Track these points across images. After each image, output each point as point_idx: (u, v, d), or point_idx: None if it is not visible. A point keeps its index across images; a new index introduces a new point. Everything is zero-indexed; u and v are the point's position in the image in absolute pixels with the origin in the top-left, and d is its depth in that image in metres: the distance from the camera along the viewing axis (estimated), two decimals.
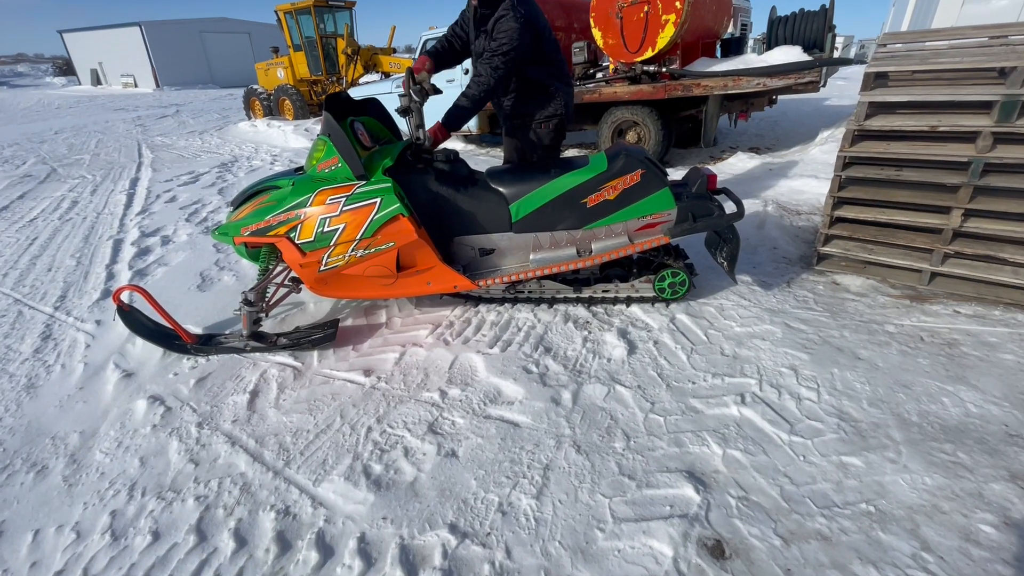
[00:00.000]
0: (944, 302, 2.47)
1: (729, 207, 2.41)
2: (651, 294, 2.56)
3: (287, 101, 11.15)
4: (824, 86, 5.69)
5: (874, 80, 2.43)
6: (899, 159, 2.47)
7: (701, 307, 2.55)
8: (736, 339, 2.27)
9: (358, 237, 2.18)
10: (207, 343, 2.39)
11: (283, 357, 2.33)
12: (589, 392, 2.00)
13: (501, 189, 2.36)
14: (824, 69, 5.01)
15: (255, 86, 11.90)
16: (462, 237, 2.45)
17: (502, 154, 3.06)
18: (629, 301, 2.59)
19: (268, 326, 2.60)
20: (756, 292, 2.66)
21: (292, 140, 9.10)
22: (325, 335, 2.35)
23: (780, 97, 6.31)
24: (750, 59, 5.46)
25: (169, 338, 2.37)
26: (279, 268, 2.49)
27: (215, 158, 7.78)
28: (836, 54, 7.54)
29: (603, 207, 2.32)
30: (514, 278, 2.39)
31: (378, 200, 2.16)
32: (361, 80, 10.89)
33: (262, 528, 1.51)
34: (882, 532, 1.40)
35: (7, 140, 10.86)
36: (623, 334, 2.35)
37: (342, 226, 2.18)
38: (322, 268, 2.24)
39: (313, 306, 2.77)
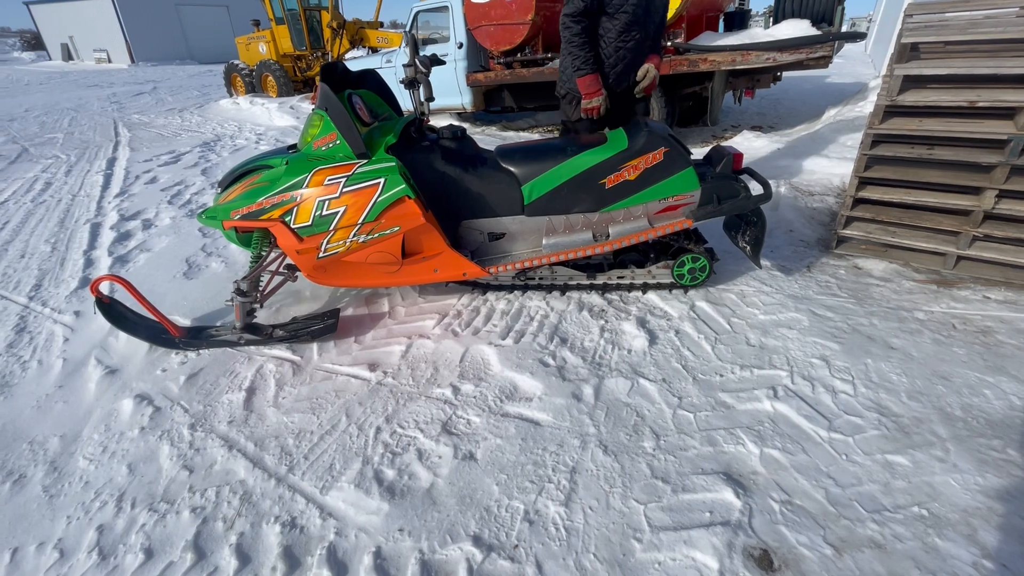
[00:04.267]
0: (972, 287, 2.38)
1: (755, 188, 2.27)
2: (669, 280, 2.43)
3: (270, 77, 10.71)
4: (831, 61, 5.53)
5: (909, 52, 2.28)
6: (932, 137, 2.34)
7: (721, 294, 2.43)
8: (761, 328, 2.16)
9: (360, 221, 2.01)
10: (197, 336, 2.23)
11: (280, 351, 2.18)
12: (611, 386, 1.88)
13: (512, 169, 2.19)
14: (836, 43, 4.84)
15: (236, 61, 11.41)
16: (470, 221, 2.29)
17: (499, 134, 2.89)
18: (646, 288, 2.46)
19: (263, 317, 2.43)
20: (777, 277, 2.54)
21: (277, 118, 8.73)
22: (325, 326, 2.19)
23: (783, 74, 6.14)
24: (756, 33, 5.26)
25: (155, 332, 2.19)
26: (273, 254, 2.32)
27: (197, 137, 7.44)
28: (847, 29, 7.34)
29: (622, 188, 2.17)
30: (526, 264, 2.25)
31: (381, 181, 1.98)
32: (348, 55, 10.47)
33: (266, 543, 1.38)
34: (939, 538, 1.30)
35: None
36: (642, 323, 2.22)
37: (342, 209, 2.00)
38: (321, 255, 2.07)
39: (310, 295, 2.60)
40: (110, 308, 2.19)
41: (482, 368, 2.01)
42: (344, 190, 1.99)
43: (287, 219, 2.04)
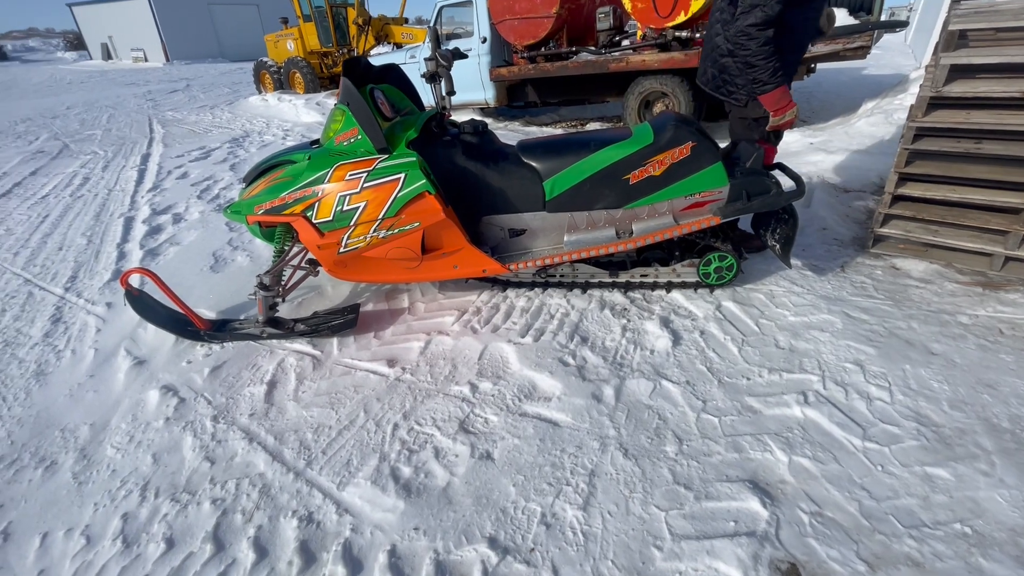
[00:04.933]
0: (1020, 289, 2.24)
1: (786, 184, 2.18)
2: (694, 279, 2.36)
3: (297, 74, 10.88)
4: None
5: (957, 40, 2.15)
6: (980, 130, 2.21)
7: (749, 293, 2.34)
8: (791, 330, 2.08)
9: (380, 216, 2.01)
10: (221, 329, 2.26)
11: (301, 344, 2.19)
12: (633, 388, 1.83)
13: (534, 164, 2.15)
14: (874, 33, 4.63)
15: (265, 59, 11.63)
16: (490, 216, 2.26)
17: (522, 129, 2.83)
18: (670, 287, 2.39)
19: (285, 311, 2.46)
20: (808, 277, 2.44)
21: (304, 114, 8.87)
22: (345, 321, 2.20)
23: (816, 65, 5.91)
24: None
25: (181, 324, 2.24)
26: (295, 249, 2.34)
27: (226, 133, 7.61)
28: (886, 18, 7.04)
29: (647, 184, 2.11)
30: (547, 262, 2.21)
31: (402, 176, 1.97)
32: (372, 52, 10.55)
33: (284, 537, 1.39)
34: (983, 558, 1.22)
35: (20, 115, 10.78)
36: (665, 323, 2.16)
37: (363, 204, 2.00)
38: (341, 250, 2.08)
39: (331, 289, 2.62)
40: (139, 300, 2.24)
41: (501, 366, 1.99)
42: (365, 185, 1.98)
43: (309, 214, 2.05)
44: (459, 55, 2.29)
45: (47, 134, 8.57)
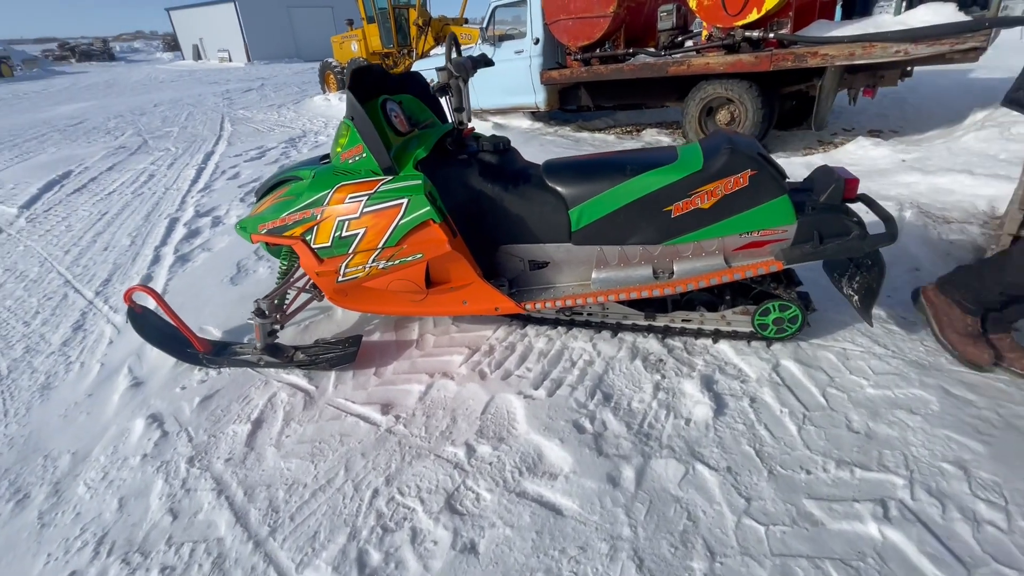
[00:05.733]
0: None
1: (870, 221, 1.76)
2: (747, 329, 1.98)
3: None
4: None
5: None
6: None
7: (815, 351, 1.94)
8: (869, 407, 1.66)
9: (380, 245, 1.79)
10: (221, 353, 2.14)
11: (297, 377, 2.03)
12: (659, 470, 1.50)
13: (560, 189, 1.87)
14: (991, 32, 3.93)
15: (330, 60, 11.96)
16: (509, 246, 1.99)
17: (573, 135, 2.54)
18: (717, 336, 2.03)
19: (290, 332, 2.32)
20: (894, 334, 2.00)
21: None
22: (344, 353, 2.01)
23: (913, 69, 5.16)
24: (884, 21, 4.43)
25: (181, 346, 2.14)
26: (300, 272, 2.18)
27: (286, 133, 7.81)
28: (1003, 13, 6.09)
29: (693, 217, 1.76)
30: (569, 303, 1.91)
31: (404, 201, 1.75)
32: (432, 52, 10.55)
33: None
34: None
35: (114, 112, 11.69)
36: (708, 383, 1.81)
37: (362, 231, 1.79)
38: (340, 279, 1.89)
39: (340, 314, 2.45)
40: (141, 318, 2.17)
41: (506, 424, 1.72)
42: (365, 210, 1.78)
43: (308, 238, 1.88)
44: (484, 63, 2.04)
45: (132, 130, 9.19)
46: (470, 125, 2.01)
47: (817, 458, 1.50)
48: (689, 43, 5.27)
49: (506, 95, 6.52)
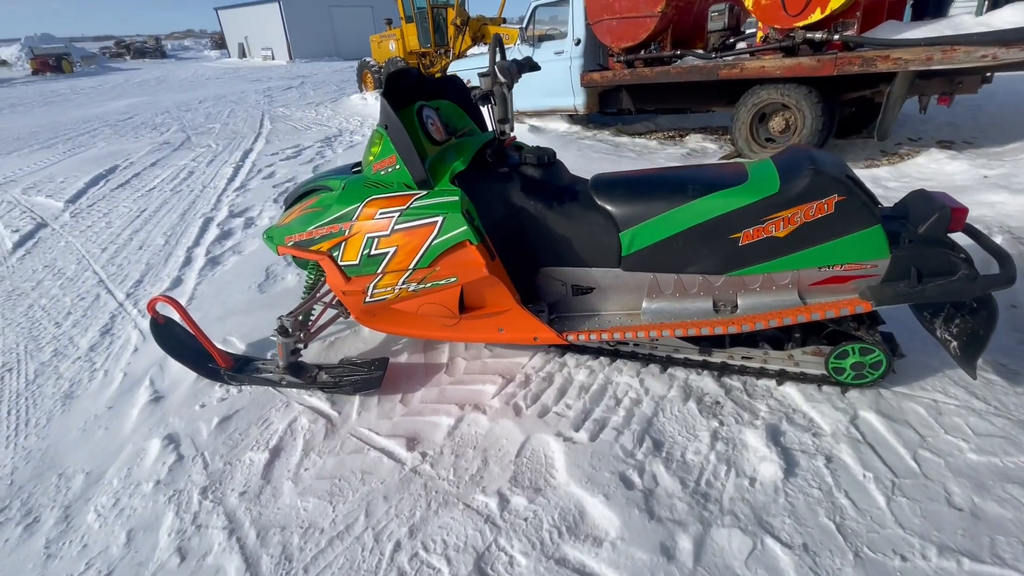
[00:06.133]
0: None
1: (973, 256, 1.51)
2: (819, 372, 1.74)
3: None
4: None
5: None
6: None
7: (900, 402, 1.69)
8: (972, 477, 1.41)
9: (411, 266, 1.64)
10: (243, 368, 2.04)
11: (319, 400, 1.90)
12: (721, 543, 1.30)
13: (610, 208, 1.68)
14: None
15: (368, 59, 12.03)
16: (551, 268, 1.82)
17: (612, 139, 2.34)
18: (782, 377, 1.79)
19: (315, 348, 2.21)
20: (994, 386, 1.72)
21: None
22: (369, 379, 1.88)
23: (993, 75, 4.71)
24: (963, 22, 4.04)
25: (202, 360, 2.05)
26: (327, 286, 2.06)
27: (322, 131, 7.85)
28: None
29: (765, 247, 1.55)
30: (616, 336, 1.72)
31: (439, 219, 1.59)
32: (468, 52, 10.47)
33: None
34: None
35: (162, 108, 12.07)
36: (774, 435, 1.59)
37: (392, 250, 1.65)
38: (367, 299, 1.75)
39: (368, 330, 2.32)
40: (163, 330, 2.08)
41: (543, 472, 1.54)
42: (396, 227, 1.63)
43: (335, 254, 1.75)
44: (529, 67, 1.87)
45: (176, 126, 9.44)
46: (512, 134, 1.84)
47: (914, 540, 1.27)
48: (741, 44, 4.97)
49: (544, 97, 6.34)
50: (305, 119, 9.48)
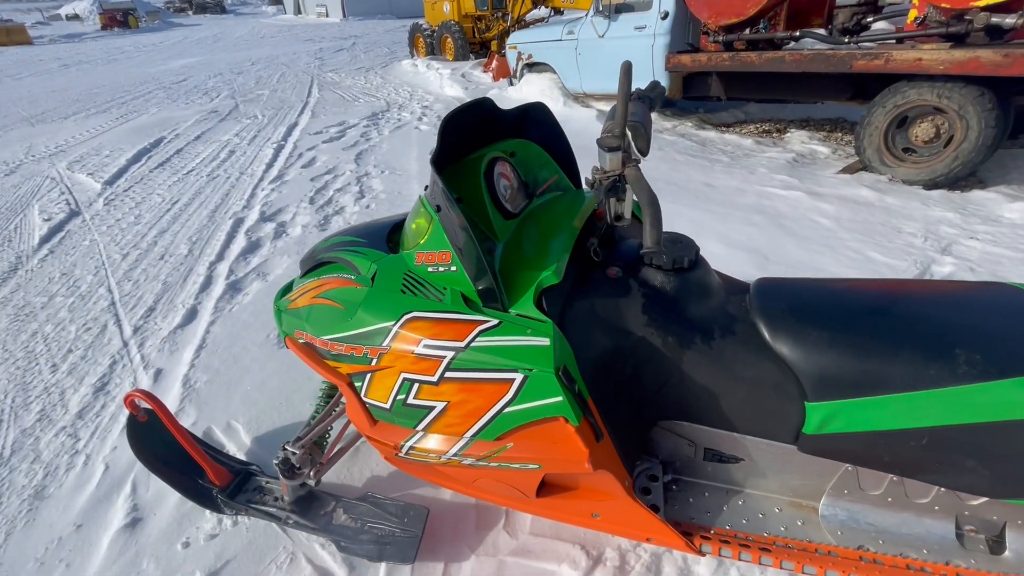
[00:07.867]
0: None
1: None
2: None
3: (448, 39, 10.36)
4: None
5: None
6: None
7: None
8: None
9: (468, 434, 1.06)
10: (241, 487, 1.56)
11: (332, 563, 1.40)
12: None
13: (795, 360, 1.01)
14: None
15: (420, 21, 11.30)
16: (675, 423, 1.19)
17: (695, 132, 1.67)
18: None
19: (337, 464, 1.69)
20: None
21: (447, 87, 8.30)
22: (400, 544, 1.35)
23: None
24: None
25: (192, 474, 1.57)
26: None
27: (369, 105, 7.32)
28: None
29: None
30: (785, 562, 1.09)
31: (518, 377, 0.99)
32: (528, 16, 9.53)
33: None
34: None
35: (215, 70, 11.84)
36: None
37: (440, 406, 1.07)
38: (400, 454, 1.19)
39: None
40: (144, 430, 1.60)
41: None
42: (447, 375, 1.04)
43: (358, 384, 1.19)
44: (660, 97, 1.20)
45: (227, 91, 9.15)
46: (637, 159, 1.16)
47: None
48: (880, 25, 3.95)
49: (616, 78, 5.48)
50: (354, 87, 8.97)
